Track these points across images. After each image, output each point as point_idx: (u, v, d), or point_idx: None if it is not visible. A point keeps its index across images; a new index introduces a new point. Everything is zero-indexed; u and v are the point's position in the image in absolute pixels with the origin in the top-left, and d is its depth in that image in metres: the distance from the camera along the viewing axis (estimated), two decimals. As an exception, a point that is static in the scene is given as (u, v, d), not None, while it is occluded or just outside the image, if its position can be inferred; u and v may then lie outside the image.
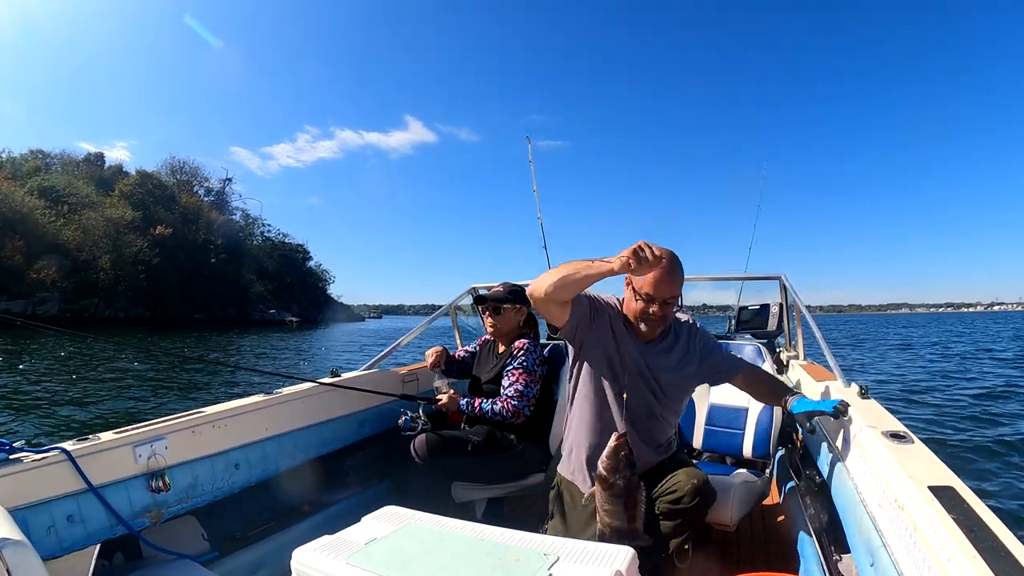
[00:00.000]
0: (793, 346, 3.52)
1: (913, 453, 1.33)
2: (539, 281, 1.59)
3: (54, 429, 6.97)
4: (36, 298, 37.73)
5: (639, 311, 1.68)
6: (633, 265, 1.42)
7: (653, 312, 1.66)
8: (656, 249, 1.45)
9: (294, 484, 2.28)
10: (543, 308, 1.68)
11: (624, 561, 1.06)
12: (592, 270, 1.50)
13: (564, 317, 1.67)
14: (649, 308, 1.65)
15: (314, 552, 1.15)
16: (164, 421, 1.83)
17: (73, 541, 1.53)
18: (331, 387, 2.41)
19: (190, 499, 1.84)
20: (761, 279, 3.84)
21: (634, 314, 1.71)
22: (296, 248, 71.60)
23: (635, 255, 1.42)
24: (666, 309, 1.67)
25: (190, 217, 53.60)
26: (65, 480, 1.53)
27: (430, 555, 1.12)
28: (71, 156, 53.86)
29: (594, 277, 1.52)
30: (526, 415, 2.42)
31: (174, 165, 60.83)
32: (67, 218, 42.54)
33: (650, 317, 1.67)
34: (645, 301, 1.65)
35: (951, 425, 7.51)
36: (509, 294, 2.61)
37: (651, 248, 1.44)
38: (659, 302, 1.64)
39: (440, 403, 2.50)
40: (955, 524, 0.97)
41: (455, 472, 2.37)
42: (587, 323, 1.72)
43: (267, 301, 59.80)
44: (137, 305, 44.15)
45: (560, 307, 1.64)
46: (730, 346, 2.87)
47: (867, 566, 1.28)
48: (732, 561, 2.22)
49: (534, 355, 2.51)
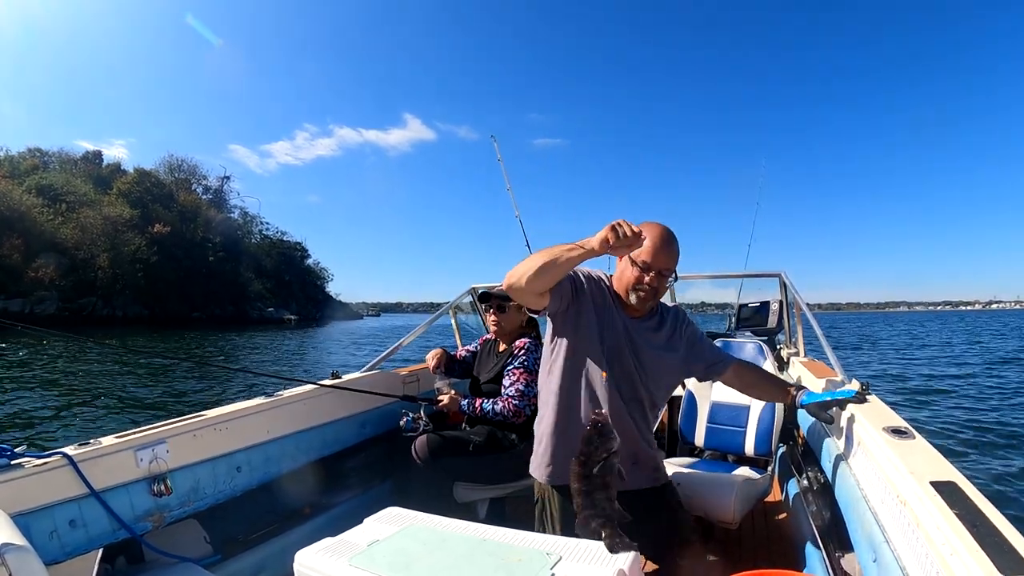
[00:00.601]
0: (793, 343, 3.53)
1: (915, 449, 1.33)
2: (517, 271, 1.54)
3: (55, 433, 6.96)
4: (34, 297, 37.67)
5: (632, 280, 1.67)
6: (612, 242, 1.39)
7: (648, 281, 1.65)
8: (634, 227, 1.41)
9: (296, 486, 2.28)
10: (523, 296, 1.61)
11: (627, 560, 1.07)
12: (573, 253, 1.46)
13: (544, 302, 1.62)
14: (644, 277, 1.65)
15: (317, 554, 1.15)
16: (165, 425, 1.83)
17: (75, 546, 1.53)
18: (332, 389, 2.41)
19: (192, 502, 1.84)
20: (761, 276, 3.85)
21: (627, 284, 1.69)
22: (294, 246, 71.57)
23: (613, 231, 1.39)
24: (660, 281, 1.66)
25: (188, 215, 53.53)
26: (67, 485, 1.52)
27: (432, 556, 1.13)
28: (69, 154, 53.87)
29: (576, 260, 1.49)
30: (527, 414, 2.41)
31: (172, 163, 60.84)
32: (65, 216, 42.46)
33: (643, 287, 1.65)
34: (641, 269, 1.65)
35: (953, 420, 7.53)
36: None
37: (629, 225, 1.40)
38: (655, 271, 1.64)
39: (441, 404, 2.50)
40: (957, 519, 0.97)
41: (456, 473, 2.38)
42: (570, 300, 1.67)
43: (265, 299, 59.77)
44: (135, 303, 44.10)
45: (539, 295, 1.59)
46: (731, 344, 2.87)
47: (870, 562, 1.29)
48: (735, 558, 2.22)
49: (535, 354, 2.51)
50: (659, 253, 1.63)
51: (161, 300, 45.72)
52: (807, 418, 2.34)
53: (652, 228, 1.64)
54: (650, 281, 1.65)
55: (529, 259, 1.53)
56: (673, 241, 1.67)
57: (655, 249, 1.63)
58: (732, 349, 2.84)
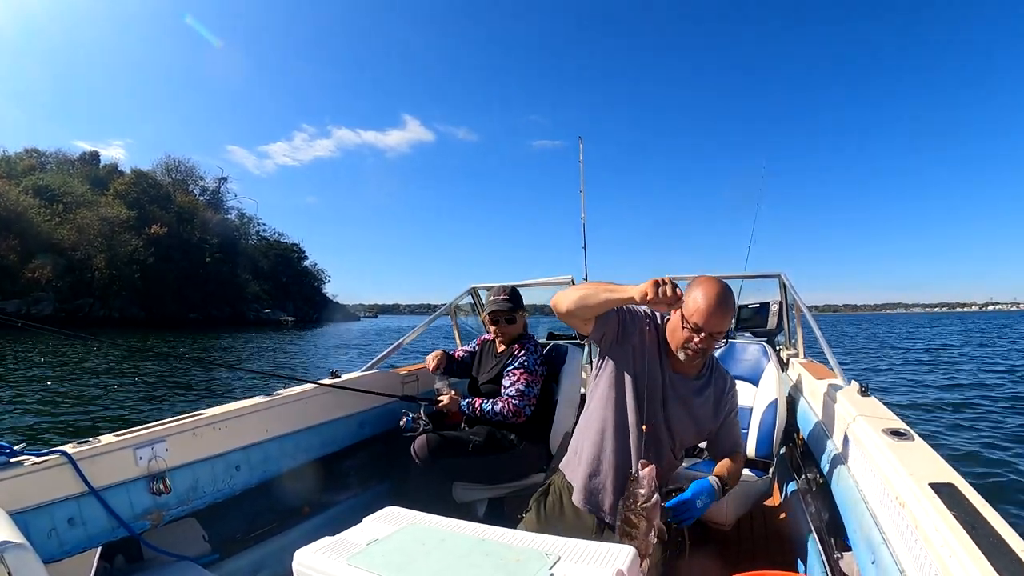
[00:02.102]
0: (793, 344, 3.54)
1: (914, 450, 1.33)
2: (563, 295, 1.61)
3: (54, 431, 6.94)
4: (31, 297, 37.54)
5: (682, 340, 1.61)
6: (650, 297, 1.40)
7: (696, 343, 1.58)
8: (678, 289, 1.43)
9: (295, 485, 2.28)
10: (565, 320, 1.67)
11: (626, 560, 1.06)
12: (613, 295, 1.50)
13: (587, 329, 1.66)
14: (694, 338, 1.58)
15: (315, 553, 1.15)
16: (164, 423, 1.83)
17: (74, 544, 1.53)
18: (331, 388, 2.40)
19: (191, 501, 1.84)
20: (761, 277, 3.86)
21: (677, 342, 1.64)
22: (291, 247, 71.45)
23: (654, 287, 1.40)
24: (709, 343, 1.59)
25: (185, 216, 53.42)
26: (66, 483, 1.52)
27: (431, 555, 1.12)
28: (66, 155, 53.78)
29: (614, 302, 1.53)
30: (527, 415, 2.42)
31: (169, 164, 60.73)
32: (62, 217, 42.34)
33: (692, 347, 1.60)
34: (691, 331, 1.58)
35: (952, 422, 7.54)
36: (516, 300, 2.64)
37: (672, 284, 1.41)
38: (705, 334, 1.57)
39: (441, 404, 2.50)
40: (956, 521, 0.98)
41: (456, 473, 2.38)
42: (612, 339, 1.68)
43: (262, 301, 59.65)
44: (132, 305, 43.94)
45: (582, 322, 1.64)
46: (733, 344, 2.87)
47: (868, 563, 1.29)
48: (734, 559, 2.22)
49: (535, 355, 2.52)
50: (711, 316, 1.55)
51: (158, 301, 45.57)
52: (807, 420, 2.35)
53: (707, 288, 1.57)
54: (699, 342, 1.58)
55: (576, 288, 1.61)
56: (727, 302, 1.57)
57: (708, 311, 1.54)
58: (735, 350, 2.84)
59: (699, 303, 1.54)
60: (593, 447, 1.72)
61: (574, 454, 1.81)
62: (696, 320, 1.55)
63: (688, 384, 1.71)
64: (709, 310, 1.54)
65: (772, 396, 2.51)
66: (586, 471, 1.72)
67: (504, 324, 2.62)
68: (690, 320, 1.57)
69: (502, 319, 2.62)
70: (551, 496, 1.83)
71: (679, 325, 1.62)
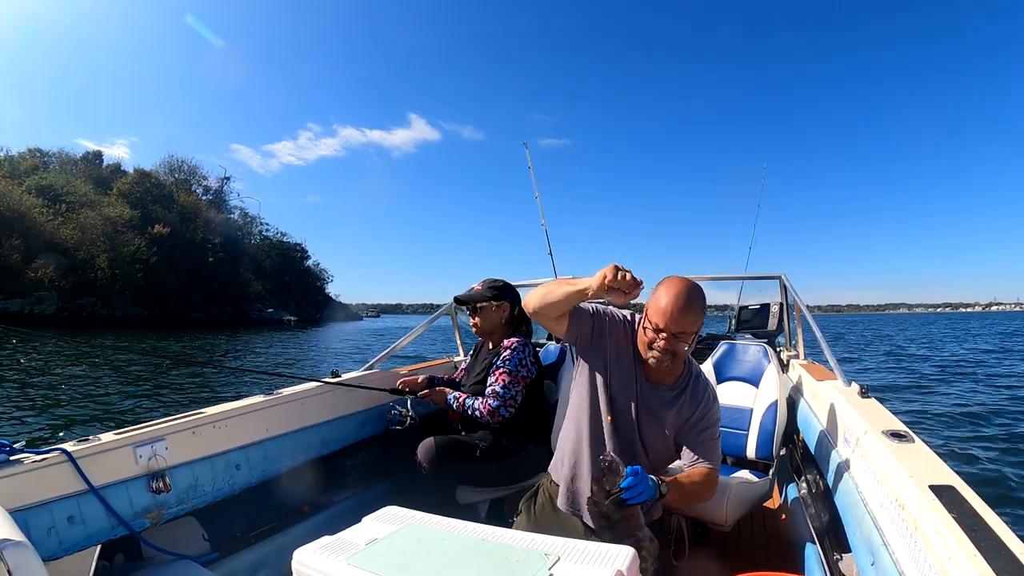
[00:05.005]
0: (793, 345, 3.53)
1: (913, 452, 1.33)
2: (529, 296, 1.59)
3: (54, 430, 6.96)
4: (33, 297, 37.59)
5: (646, 341, 1.53)
6: (608, 280, 1.35)
7: (659, 345, 1.49)
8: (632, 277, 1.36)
9: (295, 484, 2.28)
10: (537, 320, 1.66)
11: (625, 561, 1.06)
12: (573, 287, 1.45)
13: (561, 330, 1.61)
14: (657, 340, 1.49)
15: (315, 552, 1.15)
16: (164, 422, 1.83)
17: (74, 542, 1.53)
18: (331, 387, 2.41)
19: (191, 500, 1.84)
20: (761, 278, 3.85)
21: (642, 344, 1.56)
22: (294, 247, 71.52)
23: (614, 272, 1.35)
24: (675, 344, 1.49)
25: (188, 216, 53.45)
26: (66, 481, 1.53)
27: (431, 555, 1.12)
28: (69, 154, 53.75)
29: (574, 296, 1.47)
30: (503, 416, 2.34)
31: (172, 164, 60.73)
32: (65, 217, 42.40)
33: (657, 350, 1.50)
34: (654, 331, 1.50)
35: (952, 424, 7.52)
36: (488, 291, 2.53)
37: (624, 271, 1.35)
38: (668, 335, 1.48)
39: (426, 396, 2.49)
40: (956, 523, 0.98)
41: (461, 477, 2.36)
42: (586, 342, 1.64)
43: (265, 300, 59.69)
44: (135, 304, 44.00)
45: (553, 321, 1.59)
46: (734, 345, 2.87)
47: (868, 565, 1.29)
48: (733, 560, 2.22)
49: (521, 355, 2.44)
50: (673, 315, 1.46)
51: (161, 301, 45.64)
52: (807, 421, 2.35)
53: (669, 286, 1.50)
54: (661, 345, 1.49)
55: (541, 287, 1.57)
56: (691, 301, 1.48)
57: (669, 310, 1.46)
58: (736, 351, 2.84)
59: (660, 302, 1.48)
60: (573, 452, 1.70)
61: (559, 457, 1.80)
62: (657, 320, 1.49)
63: (660, 393, 1.62)
64: (670, 308, 1.46)
65: (772, 397, 2.51)
66: (568, 474, 1.71)
67: (472, 314, 2.57)
68: (652, 320, 1.51)
69: (469, 308, 2.57)
70: (539, 499, 1.83)
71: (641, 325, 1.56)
